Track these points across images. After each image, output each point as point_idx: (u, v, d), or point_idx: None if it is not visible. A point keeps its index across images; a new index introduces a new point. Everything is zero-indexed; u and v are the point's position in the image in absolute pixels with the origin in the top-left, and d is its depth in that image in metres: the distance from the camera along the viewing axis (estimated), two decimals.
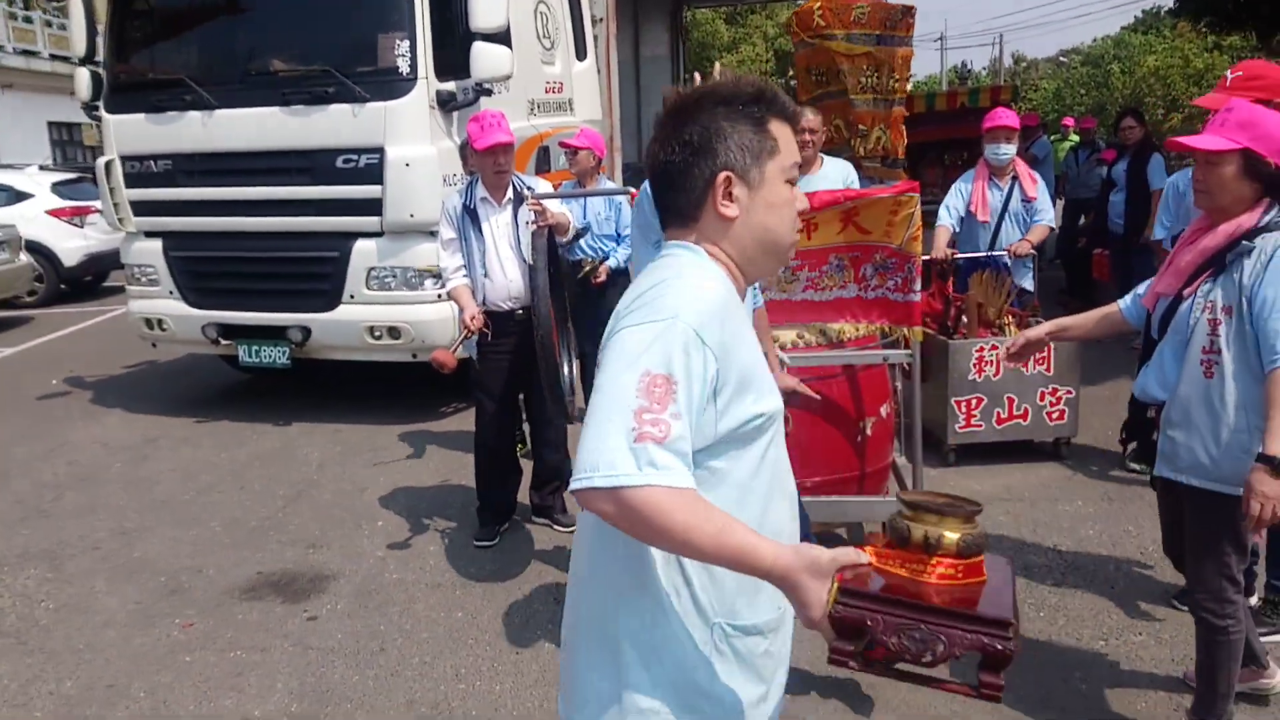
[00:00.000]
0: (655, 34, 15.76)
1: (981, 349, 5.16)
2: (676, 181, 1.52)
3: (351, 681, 3.45)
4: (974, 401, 5.22)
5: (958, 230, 5.56)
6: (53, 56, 25.23)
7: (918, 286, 3.65)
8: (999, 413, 5.25)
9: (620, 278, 5.68)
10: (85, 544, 4.76)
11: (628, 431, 1.33)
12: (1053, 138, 13.33)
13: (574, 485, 1.36)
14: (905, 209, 3.56)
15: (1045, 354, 5.04)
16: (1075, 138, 12.71)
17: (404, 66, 6.08)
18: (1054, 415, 5.31)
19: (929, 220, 4.72)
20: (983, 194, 5.50)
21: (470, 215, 4.43)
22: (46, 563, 4.55)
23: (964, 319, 5.33)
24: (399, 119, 6.08)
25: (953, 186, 5.62)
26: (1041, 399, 5.27)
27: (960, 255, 5.52)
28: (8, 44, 23.91)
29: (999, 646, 1.24)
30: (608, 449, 1.33)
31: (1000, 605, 1.30)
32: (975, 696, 1.28)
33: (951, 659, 1.26)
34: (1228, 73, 3.09)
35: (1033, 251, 5.49)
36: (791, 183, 1.54)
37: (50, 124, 25.91)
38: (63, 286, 12.72)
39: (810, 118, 4.70)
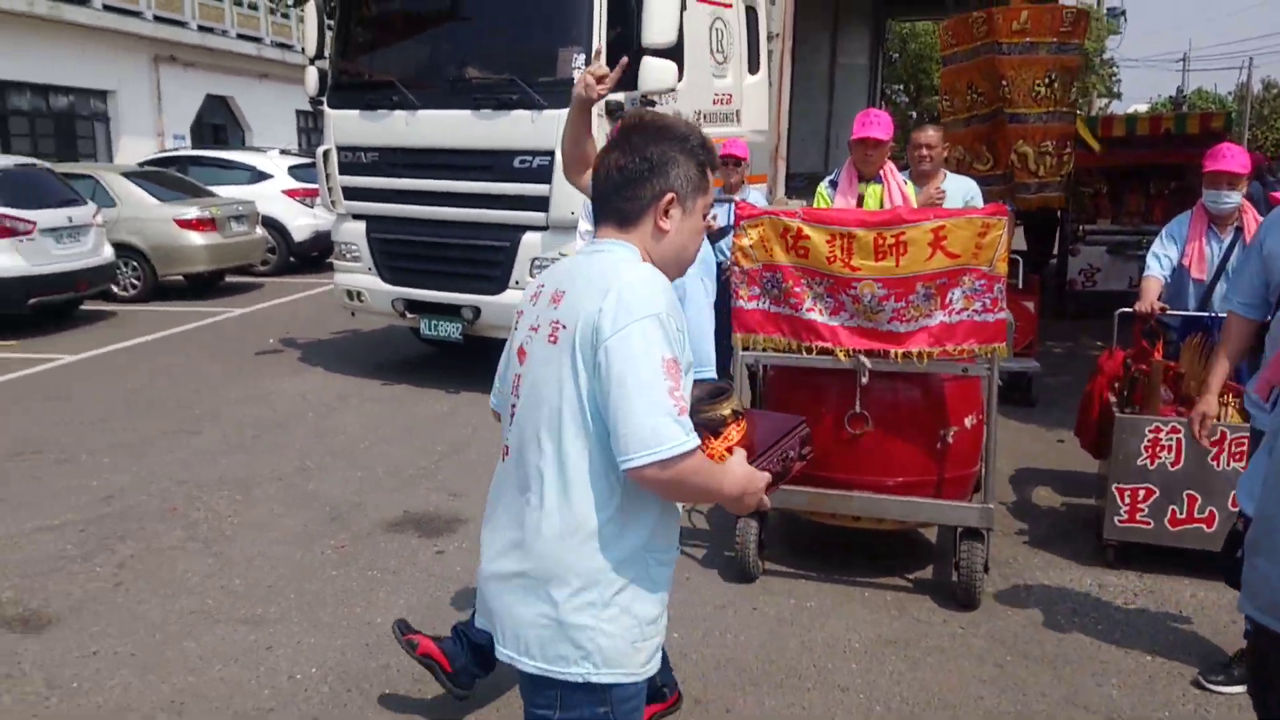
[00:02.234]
0: (855, 43, 15.71)
1: (1158, 429, 4.19)
2: (629, 188, 1.81)
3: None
4: (1142, 493, 4.25)
5: (1168, 281, 4.68)
6: (303, 50, 27.77)
7: (1004, 304, 3.80)
8: (1174, 511, 4.23)
9: None
10: (271, 476, 5.60)
11: (670, 408, 1.64)
12: None
13: (638, 461, 1.63)
14: (994, 231, 3.73)
15: (1245, 445, 3.95)
16: None
17: (577, 77, 6.66)
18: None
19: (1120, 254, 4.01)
20: (1199, 248, 4.59)
21: None
22: (238, 488, 5.41)
23: (1153, 385, 4.35)
24: None
25: (1164, 231, 4.77)
26: (1235, 504, 4.48)
27: (1172, 312, 4.60)
28: (266, 38, 26.62)
29: (805, 433, 2.05)
30: (661, 425, 1.63)
31: (784, 424, 2.04)
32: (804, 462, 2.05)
33: (795, 450, 1.99)
34: None
35: None
36: (705, 217, 1.91)
37: (297, 112, 28.63)
38: (291, 259, 14.24)
39: (930, 134, 4.90)
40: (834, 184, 4.82)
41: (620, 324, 1.66)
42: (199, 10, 23.85)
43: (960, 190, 4.96)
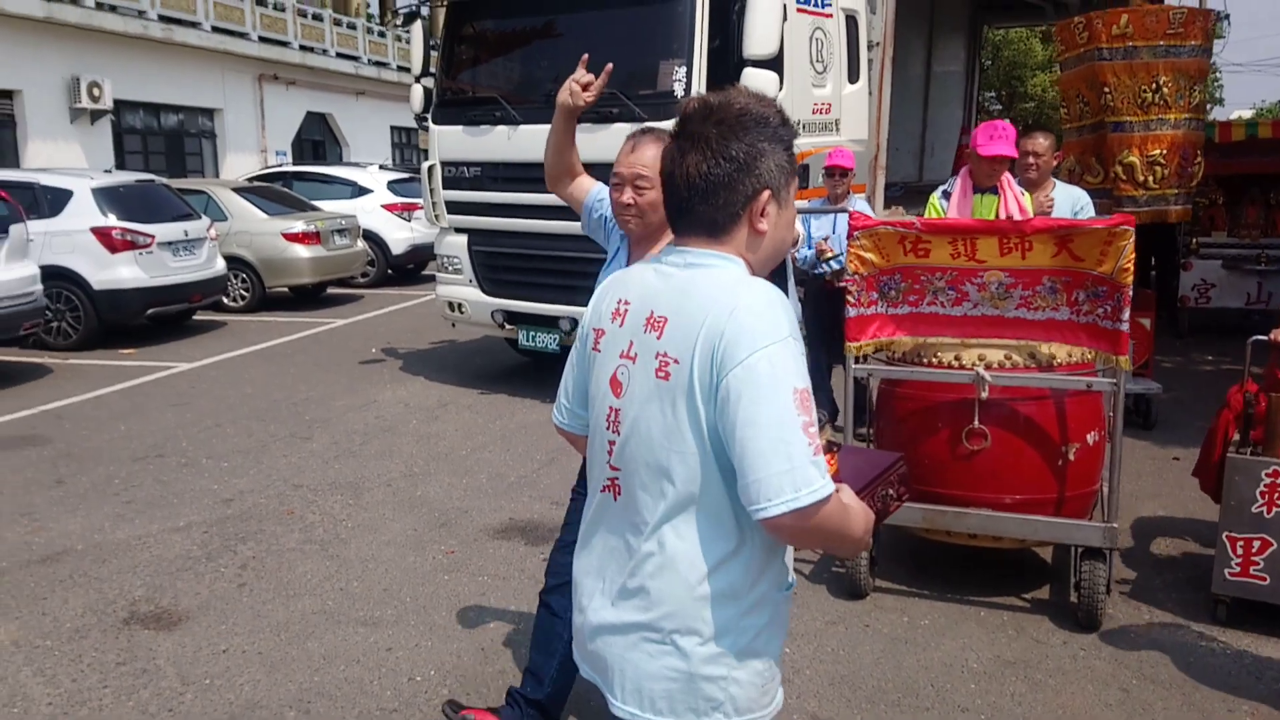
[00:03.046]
0: (951, 50, 15.49)
1: (1277, 473, 3.76)
2: (717, 195, 1.58)
3: None
4: (1257, 544, 3.81)
5: None
6: (399, 68, 28.61)
7: (1125, 315, 3.69)
8: None
9: None
10: (380, 480, 5.75)
11: (806, 447, 1.46)
12: None
13: (773, 511, 1.45)
14: (1120, 240, 3.63)
15: None
16: None
17: (679, 90, 6.71)
18: None
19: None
20: None
21: None
22: (350, 491, 5.56)
23: (1275, 422, 3.88)
24: None
25: None
26: None
27: None
28: (364, 56, 27.43)
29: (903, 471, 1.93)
30: (798, 469, 1.46)
31: (880, 461, 1.93)
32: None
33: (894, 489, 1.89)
34: None
35: None
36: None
37: (392, 128, 29.44)
38: (389, 271, 14.62)
39: (1039, 141, 4.79)
40: (947, 194, 4.75)
41: (744, 353, 1.49)
42: (301, 30, 24.69)
43: (1069, 200, 4.84)
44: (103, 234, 9.57)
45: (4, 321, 8.01)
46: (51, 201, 9.66)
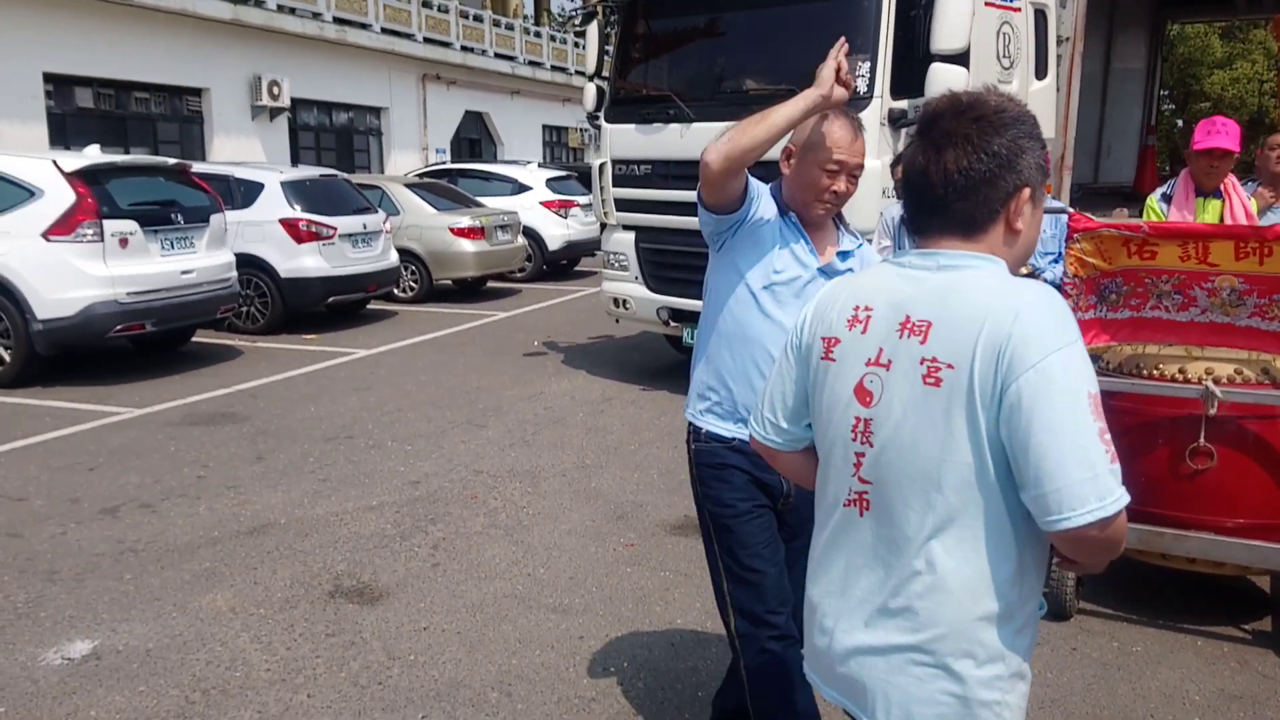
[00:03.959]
0: (1131, 46, 14.74)
1: None
2: (977, 191, 1.54)
3: None
4: None
5: None
6: (553, 68, 29.20)
7: None
8: None
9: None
10: (555, 470, 5.85)
11: (1103, 454, 1.41)
12: None
13: (1078, 521, 1.39)
14: None
15: None
16: None
17: (862, 86, 6.57)
18: None
19: None
20: None
21: (905, 225, 4.80)
22: (528, 479, 5.68)
23: None
24: None
25: None
26: None
27: None
28: (520, 56, 28.11)
29: None
30: (1101, 477, 1.40)
31: None
32: None
33: None
34: None
35: None
36: None
37: (544, 126, 30.08)
38: (545, 266, 14.93)
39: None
40: (1167, 198, 4.49)
41: (1036, 356, 1.42)
42: (462, 31, 25.50)
43: None
44: (290, 225, 10.11)
45: (204, 305, 8.56)
46: (245, 194, 10.28)
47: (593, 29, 8.46)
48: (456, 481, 5.63)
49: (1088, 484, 1.39)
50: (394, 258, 11.33)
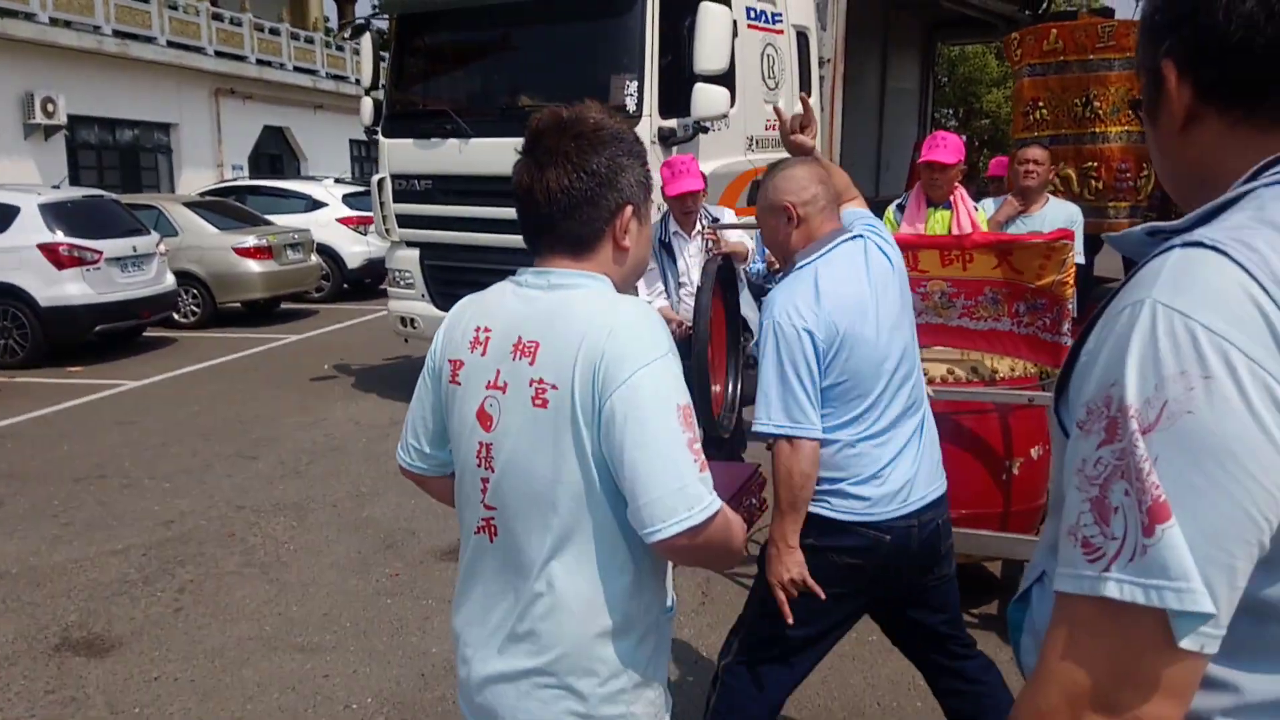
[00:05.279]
0: (905, 67, 15.70)
1: None
2: (580, 210, 1.54)
3: None
4: None
5: None
6: (357, 81, 28.40)
7: (1066, 329, 3.72)
8: None
9: None
10: (326, 501, 5.65)
11: (692, 464, 1.45)
12: None
13: (668, 532, 1.43)
14: (1059, 254, 3.66)
15: None
16: None
17: (630, 104, 6.70)
18: None
19: None
20: None
21: (665, 247, 4.91)
22: (294, 513, 5.45)
23: None
24: None
25: None
26: None
27: None
28: (322, 70, 27.24)
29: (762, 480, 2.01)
30: (688, 487, 1.43)
31: (740, 472, 1.97)
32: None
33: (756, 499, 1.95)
34: None
35: None
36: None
37: (351, 141, 29.22)
38: (344, 285, 14.47)
39: (1037, 150, 4.81)
40: (901, 208, 4.77)
41: (628, 371, 1.44)
42: (258, 44, 24.47)
43: (1064, 215, 4.86)
44: (49, 250, 9.37)
45: None
46: None
47: (366, 42, 8.28)
48: (215, 519, 5.34)
49: (677, 495, 1.42)
50: (170, 281, 10.69)
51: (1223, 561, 0.78)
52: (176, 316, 11.44)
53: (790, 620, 2.36)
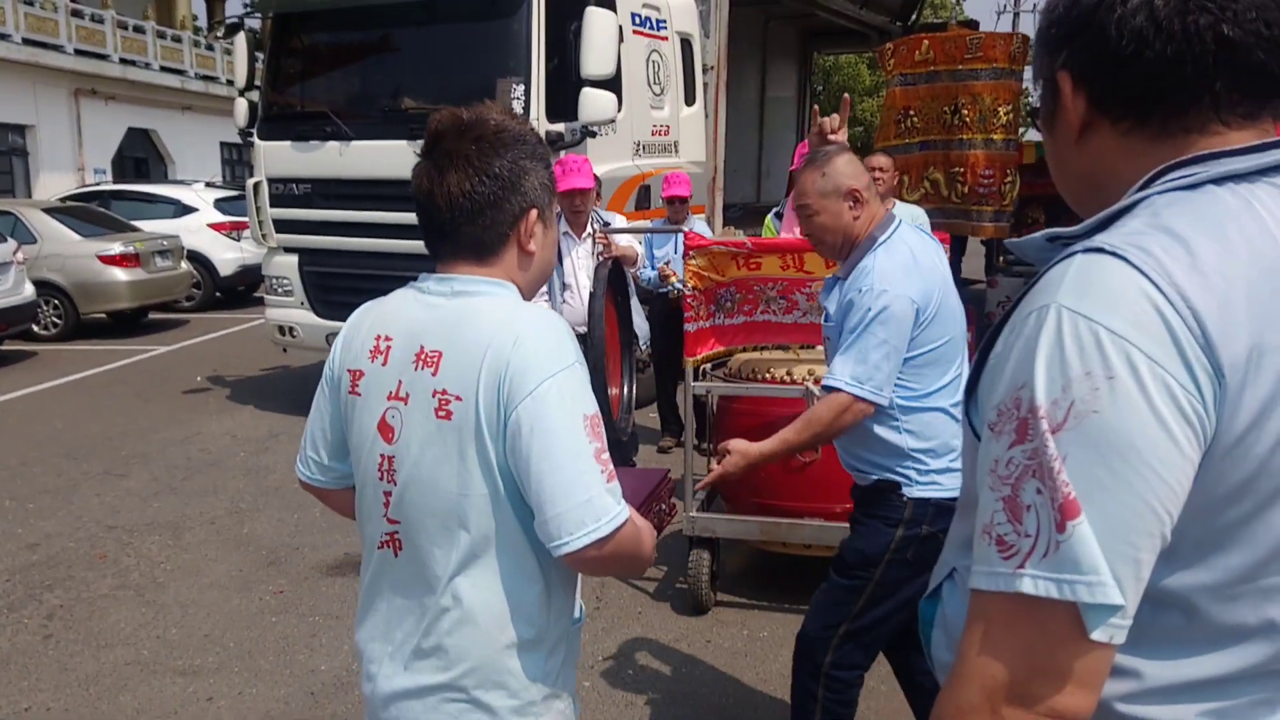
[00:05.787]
0: (783, 76, 16.07)
1: None
2: (483, 214, 1.50)
3: None
4: None
5: None
6: (228, 82, 27.38)
7: None
8: None
9: None
10: (204, 519, 5.42)
11: (599, 475, 1.42)
12: None
13: (575, 544, 1.40)
14: None
15: None
16: None
17: (518, 108, 6.66)
18: None
19: None
20: None
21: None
22: (170, 532, 5.22)
23: None
24: None
25: None
26: None
27: None
28: (190, 70, 26.20)
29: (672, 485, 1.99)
30: (595, 498, 1.41)
31: (649, 478, 1.94)
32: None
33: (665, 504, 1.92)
34: None
35: None
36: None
37: (222, 144, 28.19)
38: (217, 294, 13.89)
39: (882, 158, 4.99)
40: (779, 215, 4.88)
41: (534, 382, 1.42)
42: (121, 43, 23.37)
43: (909, 218, 5.04)
44: None
45: None
46: None
47: (240, 41, 7.99)
48: (84, 540, 5.06)
49: (584, 507, 1.41)
50: (29, 291, 10.08)
51: (1129, 555, 0.82)
52: (36, 328, 10.79)
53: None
